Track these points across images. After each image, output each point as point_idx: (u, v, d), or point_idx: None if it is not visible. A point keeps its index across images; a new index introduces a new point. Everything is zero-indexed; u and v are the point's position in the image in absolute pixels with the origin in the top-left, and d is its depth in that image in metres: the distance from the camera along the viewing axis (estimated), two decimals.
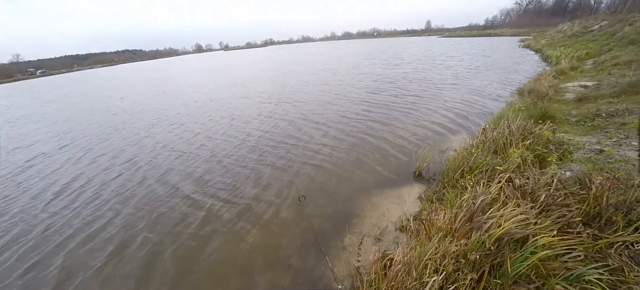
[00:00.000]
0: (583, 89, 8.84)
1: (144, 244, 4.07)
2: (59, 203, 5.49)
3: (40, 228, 4.70)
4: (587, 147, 4.53)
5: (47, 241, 4.35)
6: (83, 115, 14.18)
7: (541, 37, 33.32)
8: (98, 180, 6.32)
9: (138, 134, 9.71)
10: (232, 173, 5.98)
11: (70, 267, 3.78)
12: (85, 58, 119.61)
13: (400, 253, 2.46)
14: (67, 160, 7.82)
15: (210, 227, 4.27)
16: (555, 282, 2.06)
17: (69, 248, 4.15)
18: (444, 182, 4.30)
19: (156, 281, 3.42)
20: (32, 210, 5.32)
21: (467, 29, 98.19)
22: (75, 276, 3.62)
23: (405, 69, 20.04)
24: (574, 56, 15.40)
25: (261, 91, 16.07)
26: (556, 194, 2.86)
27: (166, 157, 7.26)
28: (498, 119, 6.21)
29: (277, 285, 3.18)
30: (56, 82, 43.60)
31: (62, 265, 3.84)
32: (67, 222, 4.81)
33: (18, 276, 3.70)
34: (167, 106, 14.30)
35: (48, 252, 4.11)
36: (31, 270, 3.80)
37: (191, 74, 31.28)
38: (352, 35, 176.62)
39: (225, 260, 3.62)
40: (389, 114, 9.25)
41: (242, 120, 10.06)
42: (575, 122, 6.00)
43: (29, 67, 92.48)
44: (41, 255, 4.06)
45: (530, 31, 49.33)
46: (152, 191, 5.58)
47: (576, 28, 27.20)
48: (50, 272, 3.73)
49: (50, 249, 4.17)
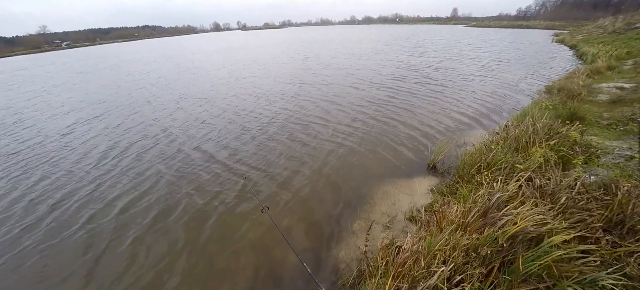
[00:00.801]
0: (619, 90, 8.24)
1: (188, 207, 4.36)
2: (106, 163, 6.04)
3: (92, 185, 5.18)
4: (616, 152, 4.29)
5: (100, 196, 4.81)
6: (113, 87, 14.80)
7: (578, 32, 30.87)
8: (137, 146, 6.82)
9: (168, 107, 10.15)
10: (266, 148, 6.25)
11: (125, 221, 4.15)
12: (107, 32, 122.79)
13: (410, 241, 2.49)
14: (105, 127, 8.34)
15: (249, 195, 4.51)
16: (567, 284, 2.04)
17: (121, 204, 4.56)
18: (458, 177, 4.23)
19: (202, 238, 3.71)
20: (83, 167, 5.89)
21: (496, 19, 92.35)
22: (129, 227, 4.00)
23: (430, 57, 19.42)
24: (613, 55, 14.23)
25: (283, 72, 16.22)
26: (578, 197, 2.76)
27: (198, 130, 7.66)
28: (522, 116, 5.95)
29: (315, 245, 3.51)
30: (81, 55, 45.33)
31: (116, 218, 4.22)
32: (116, 181, 5.27)
33: (80, 225, 4.14)
34: (193, 82, 14.68)
35: (103, 206, 4.55)
36: (90, 221, 4.21)
37: (212, 52, 31.63)
38: (373, 20, 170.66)
39: (267, 228, 3.80)
40: (409, 102, 9.11)
41: (267, 99, 10.32)
42: (606, 125, 5.66)
43: (55, 39, 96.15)
44: (96, 209, 4.48)
45: (566, 25, 45.74)
46: (189, 158, 5.99)
47: (619, 24, 24.96)
48: (107, 223, 4.14)
49: (105, 204, 4.61)
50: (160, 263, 3.37)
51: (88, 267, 3.39)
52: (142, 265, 3.36)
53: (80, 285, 3.17)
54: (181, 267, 3.31)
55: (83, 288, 3.13)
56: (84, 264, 3.43)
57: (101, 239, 3.82)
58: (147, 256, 3.49)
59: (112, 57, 36.63)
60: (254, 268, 3.23)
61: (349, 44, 32.05)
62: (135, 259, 3.45)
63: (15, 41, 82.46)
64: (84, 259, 3.50)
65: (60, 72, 23.87)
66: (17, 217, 4.38)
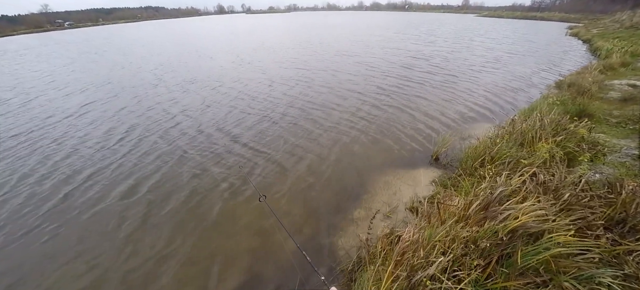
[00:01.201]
0: (631, 88, 8.03)
1: (185, 195, 4.37)
2: (132, 138, 6.36)
3: (121, 161, 5.43)
4: (623, 150, 4.23)
5: (130, 171, 5.04)
6: (123, 68, 14.83)
7: (593, 25, 29.80)
8: (161, 125, 7.02)
9: (184, 88, 10.29)
10: (269, 134, 6.31)
11: (128, 204, 4.24)
12: (109, 12, 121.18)
13: (410, 231, 2.52)
14: (122, 108, 8.46)
15: (244, 185, 4.55)
16: (564, 279, 2.06)
17: (155, 179, 4.79)
18: (461, 169, 4.23)
19: (199, 229, 3.75)
20: (110, 145, 6.10)
21: (509, 9, 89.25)
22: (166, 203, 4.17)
23: (439, 46, 19.13)
24: (628, 51, 13.78)
25: (294, 57, 16.19)
26: (581, 195, 2.75)
27: (216, 111, 7.87)
28: (530, 110, 5.86)
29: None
30: (85, 35, 44.91)
31: (147, 195, 4.40)
32: (145, 155, 5.55)
33: (117, 197, 4.35)
34: (204, 66, 14.64)
35: (138, 178, 4.83)
36: (125, 196, 4.41)
37: (218, 36, 31.11)
38: (381, 6, 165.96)
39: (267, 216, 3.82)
40: (416, 93, 9.04)
41: (271, 86, 10.34)
42: (615, 123, 5.55)
43: (57, 18, 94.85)
44: (129, 184, 4.69)
45: (581, 18, 44.10)
46: (212, 138, 6.19)
47: (637, 19, 24.02)
48: (142, 196, 4.36)
49: (138, 176, 4.87)
50: (154, 250, 3.41)
51: (81, 251, 3.49)
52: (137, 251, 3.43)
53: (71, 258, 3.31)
54: (177, 254, 3.36)
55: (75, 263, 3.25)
56: (80, 250, 3.53)
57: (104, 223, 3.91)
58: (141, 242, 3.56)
59: (117, 37, 36.38)
60: (253, 255, 3.28)
61: (358, 32, 31.39)
62: (137, 244, 3.52)
63: (17, 20, 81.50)
64: (78, 248, 3.54)
65: (67, 52, 23.77)
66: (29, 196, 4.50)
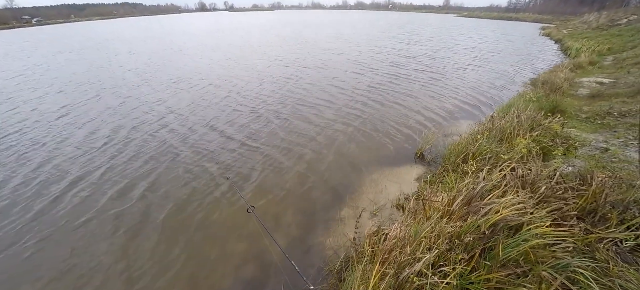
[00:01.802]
0: (598, 85, 8.57)
1: (171, 204, 4.11)
2: (134, 136, 6.23)
3: (113, 161, 5.22)
4: (593, 144, 4.50)
5: (125, 172, 4.84)
6: (102, 67, 14.08)
7: (564, 26, 31.59)
8: (151, 125, 6.77)
9: (170, 88, 9.96)
10: (256, 136, 6.17)
11: (122, 211, 4.01)
12: (82, 8, 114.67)
13: (397, 229, 2.54)
14: (107, 108, 8.06)
15: (232, 195, 4.37)
16: (542, 269, 2.15)
17: (151, 178, 4.67)
18: (445, 166, 4.33)
19: (183, 241, 3.55)
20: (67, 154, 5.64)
21: (487, 9, 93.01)
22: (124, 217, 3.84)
23: (424, 46, 19.61)
24: (595, 50, 14.72)
25: (282, 55, 16.05)
26: (556, 187, 2.89)
27: (205, 111, 7.63)
28: (508, 107, 6.11)
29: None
30: (57, 32, 42.01)
31: (143, 193, 4.25)
32: (108, 168, 5.13)
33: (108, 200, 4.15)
34: (191, 65, 14.15)
35: (132, 179, 4.64)
36: (118, 197, 4.25)
37: (202, 35, 30.12)
38: (365, 5, 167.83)
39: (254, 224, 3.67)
40: (399, 91, 9.17)
41: (259, 86, 10.14)
42: (584, 119, 5.90)
43: (24, 14, 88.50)
44: (122, 186, 4.48)
45: (553, 19, 46.66)
46: (198, 141, 5.99)
47: (602, 20, 25.70)
48: (134, 199, 4.16)
49: (133, 179, 4.67)
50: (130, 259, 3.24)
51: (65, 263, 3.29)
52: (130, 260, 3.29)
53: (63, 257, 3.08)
54: (168, 260, 3.25)
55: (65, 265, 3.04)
56: (65, 259, 3.32)
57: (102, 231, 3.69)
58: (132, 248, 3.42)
59: (92, 35, 34.37)
60: (242, 263, 3.16)
61: (345, 30, 31.58)
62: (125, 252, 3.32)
63: None
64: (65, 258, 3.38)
65: (38, 50, 22.18)
66: None
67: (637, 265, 2.21)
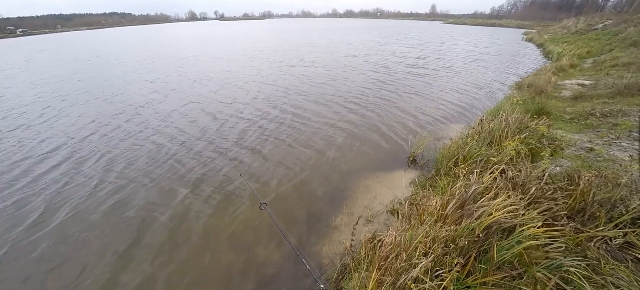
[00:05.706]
0: (580, 87, 8.90)
1: (176, 206, 4.14)
2: (145, 136, 6.49)
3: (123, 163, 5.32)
4: (578, 144, 4.63)
5: (129, 178, 4.85)
6: (106, 78, 13.65)
7: (545, 31, 32.93)
8: (168, 132, 6.82)
9: (175, 97, 9.91)
10: (244, 146, 6.10)
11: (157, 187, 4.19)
12: (69, 19, 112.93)
13: (392, 235, 2.53)
14: (116, 115, 8.11)
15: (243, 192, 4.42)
16: (536, 270, 2.17)
17: (153, 175, 4.85)
18: (437, 170, 4.37)
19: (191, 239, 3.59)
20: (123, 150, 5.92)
21: (472, 16, 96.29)
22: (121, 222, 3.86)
23: (414, 52, 19.97)
24: (575, 53, 15.35)
25: (283, 62, 16.25)
26: (545, 188, 2.94)
27: (170, 125, 7.39)
28: (496, 111, 6.24)
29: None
30: (44, 43, 40.76)
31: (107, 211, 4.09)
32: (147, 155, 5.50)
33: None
34: (194, 73, 14.06)
35: (134, 186, 4.64)
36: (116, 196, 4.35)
37: (195, 45, 29.74)
38: (355, 14, 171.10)
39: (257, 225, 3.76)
40: (390, 96, 9.26)
41: (246, 93, 10.09)
42: (569, 120, 6.09)
43: (8, 25, 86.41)
44: (121, 196, 4.40)
45: (534, 24, 48.65)
46: (180, 157, 5.85)
47: (580, 25, 26.93)
48: (132, 209, 4.10)
49: (135, 184, 4.69)
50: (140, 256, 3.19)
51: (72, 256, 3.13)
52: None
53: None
54: (172, 259, 3.20)
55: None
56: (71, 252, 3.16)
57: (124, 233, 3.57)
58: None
59: (84, 46, 32.81)
60: (245, 261, 3.21)
61: (335, 37, 31.99)
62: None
63: None
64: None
65: (30, 60, 21.55)
66: None
67: (627, 263, 2.25)
